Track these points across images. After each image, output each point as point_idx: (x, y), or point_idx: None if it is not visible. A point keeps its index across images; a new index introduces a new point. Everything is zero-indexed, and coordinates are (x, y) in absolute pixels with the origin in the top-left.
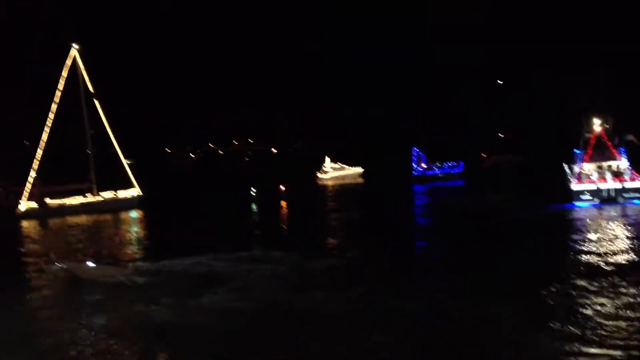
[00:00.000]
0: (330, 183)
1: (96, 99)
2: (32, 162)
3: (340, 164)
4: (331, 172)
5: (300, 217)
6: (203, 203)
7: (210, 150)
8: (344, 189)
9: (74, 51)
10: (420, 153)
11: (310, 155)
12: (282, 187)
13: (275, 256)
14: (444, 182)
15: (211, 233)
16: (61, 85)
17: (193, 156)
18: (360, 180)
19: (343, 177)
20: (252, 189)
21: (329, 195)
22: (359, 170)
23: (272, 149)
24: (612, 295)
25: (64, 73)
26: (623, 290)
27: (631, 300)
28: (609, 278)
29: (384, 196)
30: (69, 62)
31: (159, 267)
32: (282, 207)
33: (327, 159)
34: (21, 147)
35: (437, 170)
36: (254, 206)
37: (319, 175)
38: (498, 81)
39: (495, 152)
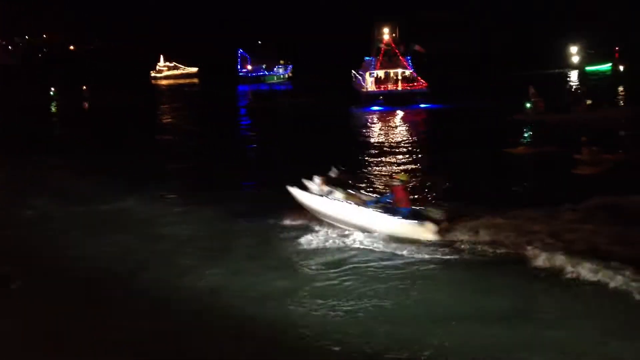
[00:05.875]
0: (163, 83)
1: None
2: None
3: (175, 64)
4: (165, 71)
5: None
6: None
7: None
8: (169, 90)
9: None
10: (245, 54)
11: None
12: (85, 87)
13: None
14: (270, 85)
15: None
16: None
17: None
18: (195, 80)
19: (177, 77)
20: (51, 88)
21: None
22: (194, 70)
23: (71, 46)
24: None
25: None
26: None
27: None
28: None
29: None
30: None
31: None
32: (84, 108)
33: (162, 58)
34: None
35: (264, 72)
36: (53, 108)
37: (153, 74)
38: None
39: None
